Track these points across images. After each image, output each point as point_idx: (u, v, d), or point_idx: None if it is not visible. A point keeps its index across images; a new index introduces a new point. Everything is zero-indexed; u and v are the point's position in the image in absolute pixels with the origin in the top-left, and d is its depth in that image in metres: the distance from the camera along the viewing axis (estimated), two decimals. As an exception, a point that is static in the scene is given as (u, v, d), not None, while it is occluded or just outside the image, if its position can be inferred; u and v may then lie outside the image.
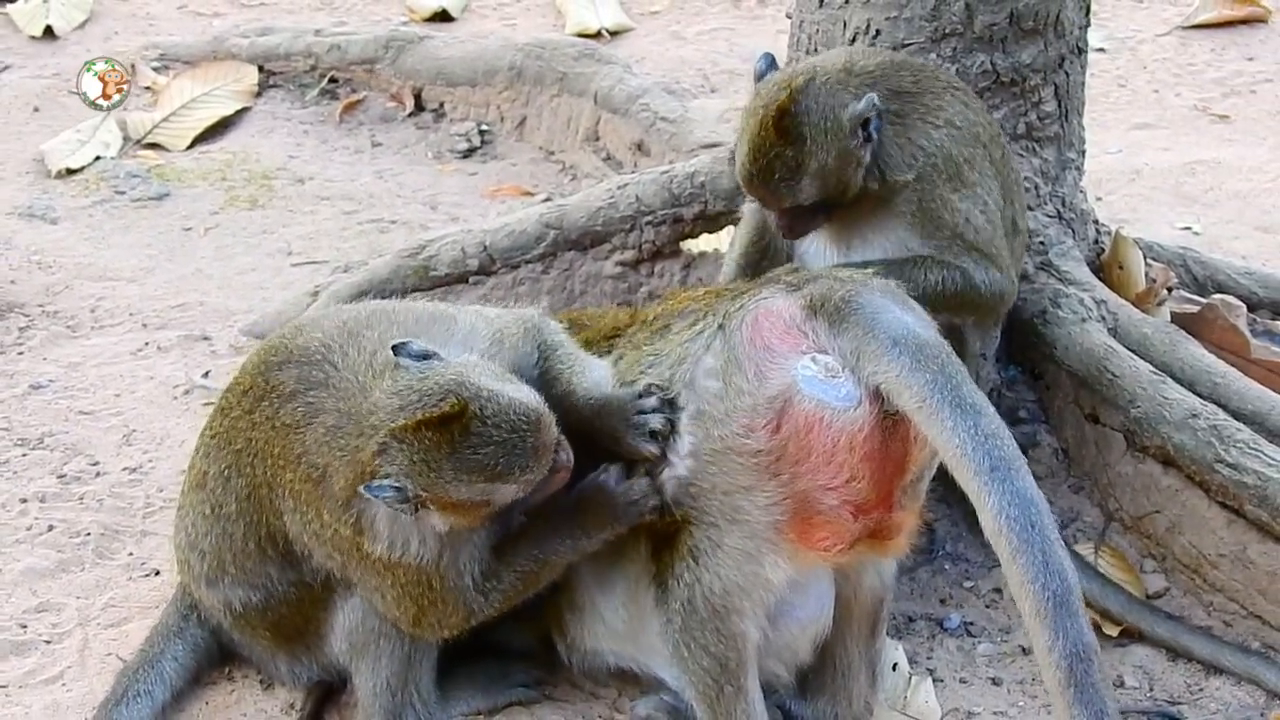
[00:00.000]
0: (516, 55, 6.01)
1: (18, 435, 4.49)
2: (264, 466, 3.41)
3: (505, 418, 3.08)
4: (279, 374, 3.38)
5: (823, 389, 3.14)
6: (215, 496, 3.54)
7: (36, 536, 4.17)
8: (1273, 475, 3.90)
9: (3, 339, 4.89)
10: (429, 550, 3.27)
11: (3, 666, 3.80)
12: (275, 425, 3.35)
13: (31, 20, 6.69)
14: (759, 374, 3.17)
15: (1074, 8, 4.36)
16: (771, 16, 6.86)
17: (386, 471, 3.11)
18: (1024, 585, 2.91)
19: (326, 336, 3.37)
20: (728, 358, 3.21)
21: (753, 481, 3.20)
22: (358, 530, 3.27)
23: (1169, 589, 4.14)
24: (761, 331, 3.21)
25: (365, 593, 3.44)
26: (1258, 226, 5.61)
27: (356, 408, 3.19)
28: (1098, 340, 4.27)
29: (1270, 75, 6.62)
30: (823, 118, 3.70)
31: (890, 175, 3.81)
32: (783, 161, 3.69)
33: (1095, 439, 4.30)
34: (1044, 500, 2.98)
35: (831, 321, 3.17)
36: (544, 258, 4.86)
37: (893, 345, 3.10)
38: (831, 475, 3.17)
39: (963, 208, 3.88)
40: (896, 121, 3.81)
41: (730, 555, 3.27)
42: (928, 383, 3.05)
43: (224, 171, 5.80)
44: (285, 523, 3.42)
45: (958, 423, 3.00)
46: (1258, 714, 3.79)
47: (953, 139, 3.88)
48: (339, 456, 3.21)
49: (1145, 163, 5.97)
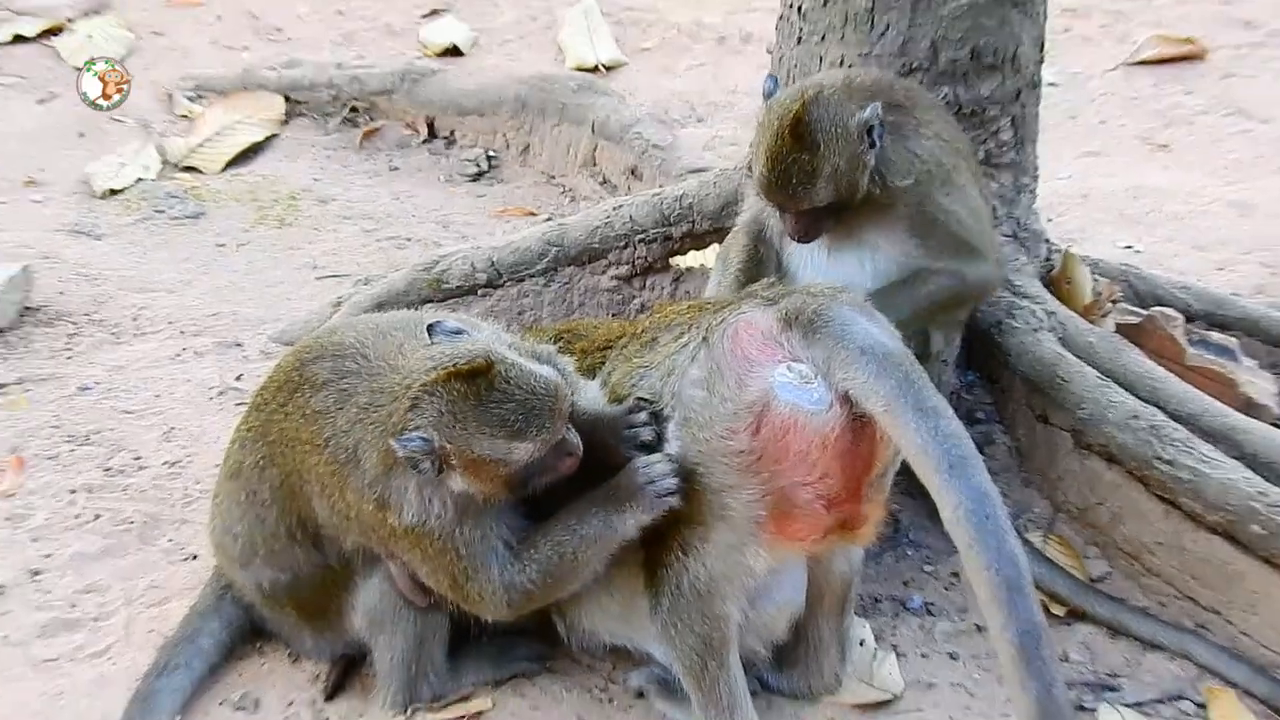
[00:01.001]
0: (521, 88, 6.03)
1: (67, 432, 4.52)
2: (295, 455, 3.42)
3: (526, 381, 3.15)
4: (313, 367, 3.41)
5: (797, 394, 3.16)
6: (249, 485, 3.56)
7: (84, 524, 4.20)
8: (1205, 471, 3.94)
9: (53, 345, 4.91)
10: (449, 516, 3.27)
11: (55, 642, 3.83)
12: (306, 413, 3.37)
13: (75, 53, 6.69)
14: (739, 382, 3.19)
15: (1029, 45, 4.39)
16: (753, 52, 6.88)
17: (417, 424, 3.13)
18: (980, 571, 2.93)
19: (359, 335, 3.40)
20: (711, 368, 3.23)
21: (736, 480, 3.22)
22: (383, 505, 3.27)
23: (1110, 573, 4.17)
24: (741, 343, 3.23)
25: (399, 571, 3.48)
26: (1194, 246, 5.64)
27: (388, 382, 3.23)
28: (1048, 348, 4.31)
29: (1206, 108, 6.64)
30: (833, 125, 3.73)
31: (891, 181, 3.85)
32: (799, 166, 3.72)
33: (1045, 438, 4.33)
34: (998, 494, 3.00)
35: (805, 333, 3.19)
36: (546, 272, 4.88)
37: (861, 354, 3.12)
38: (806, 472, 3.19)
39: (954, 209, 3.93)
40: (894, 132, 3.85)
41: (716, 547, 3.30)
42: (893, 388, 3.07)
43: (254, 193, 5.82)
44: (315, 508, 3.44)
45: (920, 424, 3.02)
46: (1190, 685, 3.82)
47: (942, 149, 3.94)
48: (371, 429, 3.23)
49: (1092, 187, 6.00)
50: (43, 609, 3.92)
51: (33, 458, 4.42)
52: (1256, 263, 5.53)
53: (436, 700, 3.66)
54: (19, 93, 6.42)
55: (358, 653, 3.72)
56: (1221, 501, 3.89)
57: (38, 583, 4.01)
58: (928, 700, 3.76)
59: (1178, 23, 7.29)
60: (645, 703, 3.70)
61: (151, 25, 7.03)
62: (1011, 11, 4.28)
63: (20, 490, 4.30)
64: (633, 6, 7.36)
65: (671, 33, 7.13)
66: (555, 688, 3.73)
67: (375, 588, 3.55)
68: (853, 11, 4.28)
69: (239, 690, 3.72)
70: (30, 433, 4.51)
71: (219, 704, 3.68)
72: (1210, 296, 4.83)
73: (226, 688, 3.73)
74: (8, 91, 6.43)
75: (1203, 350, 4.57)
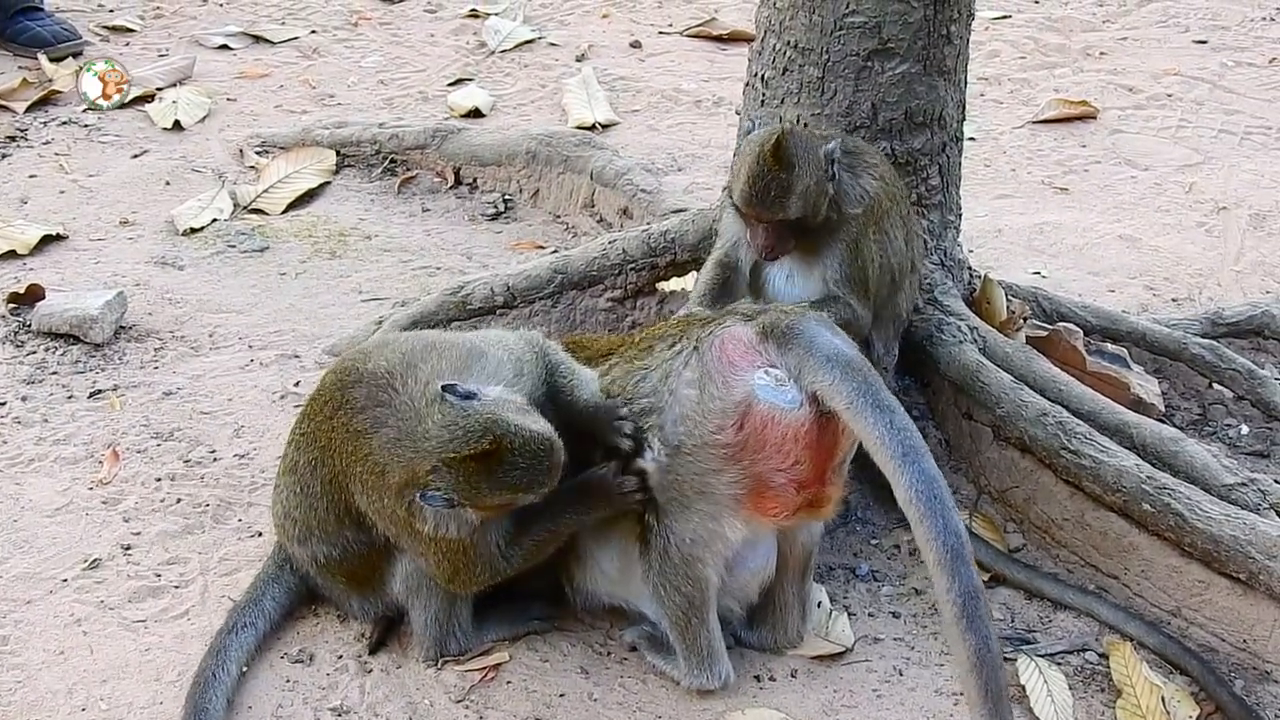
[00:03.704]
0: (531, 142, 6.00)
1: (154, 430, 4.47)
2: (340, 460, 3.40)
3: (528, 448, 3.11)
4: (352, 391, 3.37)
5: (774, 395, 3.19)
6: (304, 480, 3.54)
7: (168, 507, 4.15)
8: (1104, 459, 3.92)
9: (143, 357, 4.86)
10: (465, 531, 3.28)
11: (143, 606, 3.79)
12: (349, 430, 3.34)
13: (163, 116, 6.64)
14: (725, 384, 3.21)
15: (953, 107, 4.37)
16: (723, 114, 6.87)
17: (437, 485, 3.13)
18: (929, 541, 2.94)
19: (390, 364, 3.35)
20: (702, 372, 3.24)
21: (720, 465, 3.24)
22: (410, 514, 3.28)
23: (1025, 545, 4.14)
24: (727, 351, 3.24)
25: (413, 556, 3.46)
26: (1090, 272, 5.62)
27: (413, 429, 3.19)
28: (971, 357, 4.27)
29: (1098, 158, 6.63)
30: (806, 151, 3.72)
31: (845, 209, 3.83)
32: (778, 182, 3.67)
33: (970, 432, 4.29)
34: (943, 478, 3.01)
35: (780, 343, 3.22)
36: (552, 295, 4.84)
37: (826, 361, 3.14)
38: (781, 460, 3.21)
39: (875, 249, 3.91)
40: (848, 169, 3.84)
41: (699, 521, 3.31)
42: (854, 389, 3.09)
43: (310, 230, 5.78)
44: (357, 501, 3.42)
45: (877, 420, 3.04)
46: (1093, 639, 3.80)
47: (883, 191, 3.91)
48: (397, 462, 3.21)
49: (1005, 224, 5.97)
50: (133, 578, 3.88)
51: (125, 451, 4.37)
52: (1141, 286, 5.52)
53: (463, 654, 3.62)
54: (116, 149, 6.38)
55: (397, 614, 3.68)
56: (1117, 484, 3.88)
57: (129, 556, 3.96)
58: (875, 652, 3.73)
59: (1074, 88, 7.31)
60: (638, 655, 3.66)
61: (226, 93, 7.01)
62: (939, 80, 4.25)
63: (115, 479, 4.25)
64: (624, 76, 7.35)
65: (656, 97, 7.12)
66: (563, 644, 3.69)
67: (410, 560, 3.51)
68: (807, 80, 4.25)
69: (296, 645, 3.68)
70: (123, 430, 4.46)
71: (280, 657, 3.64)
72: (1105, 314, 4.81)
73: (285, 643, 3.68)
74: (107, 149, 6.38)
75: (1099, 359, 4.56)
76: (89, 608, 3.77)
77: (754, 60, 4.47)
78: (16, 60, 7.16)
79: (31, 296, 5.06)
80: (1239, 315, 4.97)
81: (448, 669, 3.58)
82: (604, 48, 7.78)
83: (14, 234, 5.58)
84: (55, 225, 5.67)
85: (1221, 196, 6.27)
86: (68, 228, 5.70)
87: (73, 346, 4.87)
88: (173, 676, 3.54)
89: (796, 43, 4.24)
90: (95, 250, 5.57)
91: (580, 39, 7.84)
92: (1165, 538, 3.82)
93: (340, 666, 3.60)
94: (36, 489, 4.21)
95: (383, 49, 7.66)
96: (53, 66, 7.01)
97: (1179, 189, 6.34)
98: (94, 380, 4.71)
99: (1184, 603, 3.81)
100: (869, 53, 4.17)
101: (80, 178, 6.12)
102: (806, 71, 4.25)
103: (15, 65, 7.10)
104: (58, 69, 6.99)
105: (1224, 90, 7.35)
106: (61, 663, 3.58)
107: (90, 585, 3.85)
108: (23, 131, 6.48)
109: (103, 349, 4.87)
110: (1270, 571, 3.63)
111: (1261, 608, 3.68)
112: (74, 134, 6.48)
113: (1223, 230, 5.99)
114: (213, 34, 7.64)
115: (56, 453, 4.35)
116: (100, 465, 4.31)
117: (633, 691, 3.56)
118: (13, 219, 5.71)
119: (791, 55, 4.27)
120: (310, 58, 7.50)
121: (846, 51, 4.18)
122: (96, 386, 4.68)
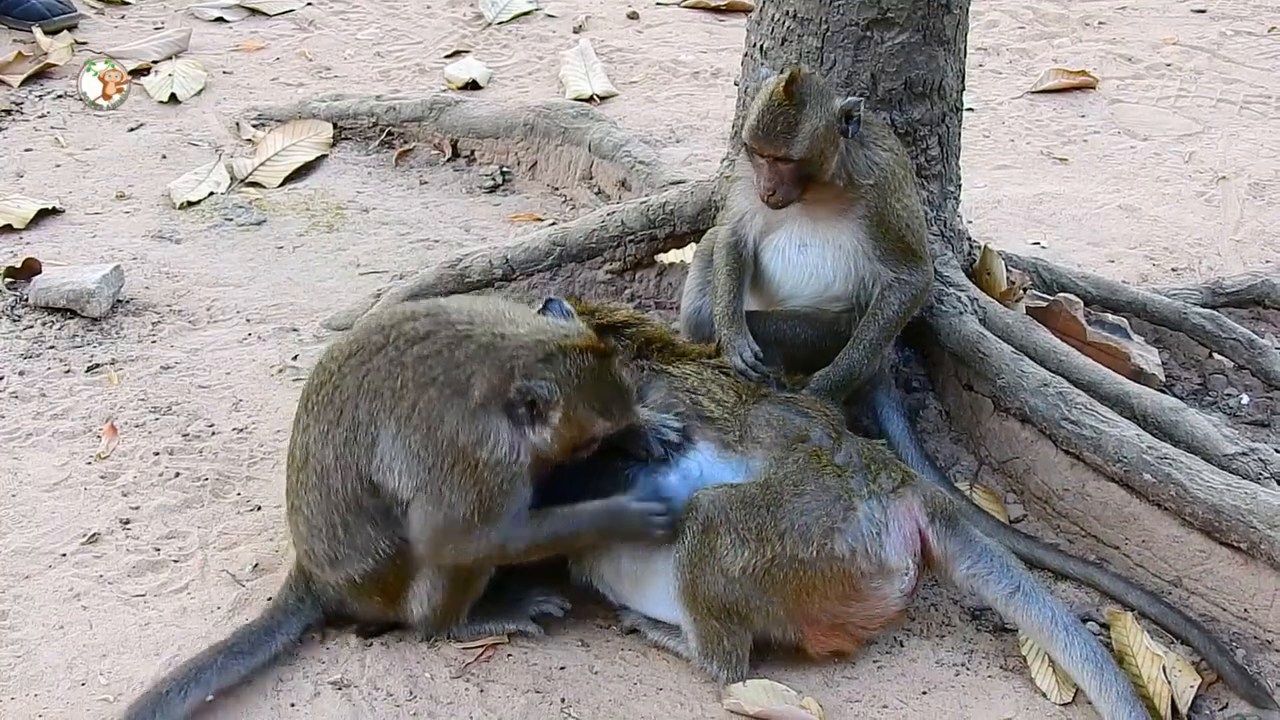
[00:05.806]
0: (529, 115, 5.96)
1: (152, 404, 4.43)
2: (372, 404, 3.25)
3: (625, 373, 3.23)
4: (405, 326, 3.28)
5: (910, 582, 3.58)
6: (315, 461, 3.36)
7: (167, 481, 4.12)
8: (1104, 430, 3.91)
9: (140, 331, 4.83)
10: (522, 459, 3.20)
11: (142, 580, 3.76)
12: (402, 361, 3.23)
13: (159, 89, 6.59)
14: (896, 547, 3.50)
15: (952, 77, 4.33)
16: (721, 85, 6.83)
17: (544, 375, 3.11)
18: (1101, 694, 3.42)
19: (443, 303, 3.37)
20: (886, 520, 3.50)
21: (823, 588, 3.49)
22: (481, 436, 3.17)
23: (1026, 516, 4.12)
24: (906, 523, 3.52)
25: (432, 504, 3.25)
26: (1089, 242, 5.59)
27: (512, 331, 3.19)
28: (971, 328, 4.25)
29: (1097, 129, 6.59)
30: (819, 94, 3.71)
31: (856, 179, 3.79)
32: (786, 118, 3.66)
33: (970, 403, 4.27)
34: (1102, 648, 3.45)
35: (947, 526, 3.56)
36: (551, 268, 4.83)
37: (985, 551, 3.56)
38: (860, 620, 3.58)
39: (904, 216, 3.89)
40: (858, 139, 3.81)
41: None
42: (1010, 583, 3.52)
43: (307, 204, 5.74)
44: (380, 452, 3.26)
45: (1040, 611, 3.50)
46: (1095, 609, 3.79)
47: (895, 160, 3.89)
48: (490, 366, 3.16)
49: (1005, 195, 5.94)
50: (132, 552, 3.85)
51: (124, 425, 4.34)
52: (1141, 256, 5.50)
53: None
54: (112, 123, 6.33)
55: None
56: (1118, 454, 3.86)
57: (128, 530, 3.94)
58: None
59: (1073, 58, 7.26)
60: (638, 635, 3.63)
61: (222, 66, 6.95)
62: (938, 50, 4.22)
63: (113, 453, 4.22)
64: (621, 48, 7.30)
65: (654, 69, 7.07)
66: (564, 618, 3.66)
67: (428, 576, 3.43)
68: (805, 50, 4.22)
69: (297, 620, 3.64)
70: (121, 405, 4.43)
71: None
72: (1105, 284, 4.79)
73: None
74: (103, 122, 6.33)
75: (1099, 329, 4.54)
76: (88, 582, 3.75)
77: (752, 31, 4.43)
78: (11, 34, 7.11)
79: (28, 271, 5.03)
80: (1239, 285, 4.96)
81: (448, 644, 3.54)
82: (602, 19, 7.73)
83: (10, 208, 5.54)
84: (51, 199, 5.63)
85: (1221, 166, 6.24)
86: (64, 202, 5.66)
87: (70, 321, 4.84)
88: (172, 651, 3.51)
89: (795, 12, 4.21)
90: (92, 224, 5.54)
91: (578, 10, 7.79)
92: (1166, 508, 3.80)
93: (340, 640, 3.57)
94: (35, 464, 4.18)
95: (379, 21, 7.60)
96: (48, 40, 6.98)
97: (1178, 159, 6.31)
98: (91, 355, 4.68)
99: (1185, 572, 3.79)
100: (868, 22, 4.13)
101: (76, 151, 6.08)
102: (805, 41, 4.21)
103: (10, 39, 7.06)
104: (53, 42, 6.95)
105: (1223, 59, 7.32)
106: (61, 637, 3.56)
107: (89, 560, 3.83)
108: (18, 105, 6.43)
109: (100, 323, 4.84)
110: (1271, 541, 3.61)
111: (1262, 577, 3.67)
112: (70, 108, 6.43)
113: (1222, 200, 5.97)
114: (208, 7, 7.58)
115: (54, 427, 4.33)
116: (98, 440, 4.28)
117: (634, 664, 3.55)
118: (9, 193, 5.67)
119: (790, 25, 4.23)
120: (306, 30, 7.45)
121: (845, 21, 4.14)
122: (94, 361, 4.65)
